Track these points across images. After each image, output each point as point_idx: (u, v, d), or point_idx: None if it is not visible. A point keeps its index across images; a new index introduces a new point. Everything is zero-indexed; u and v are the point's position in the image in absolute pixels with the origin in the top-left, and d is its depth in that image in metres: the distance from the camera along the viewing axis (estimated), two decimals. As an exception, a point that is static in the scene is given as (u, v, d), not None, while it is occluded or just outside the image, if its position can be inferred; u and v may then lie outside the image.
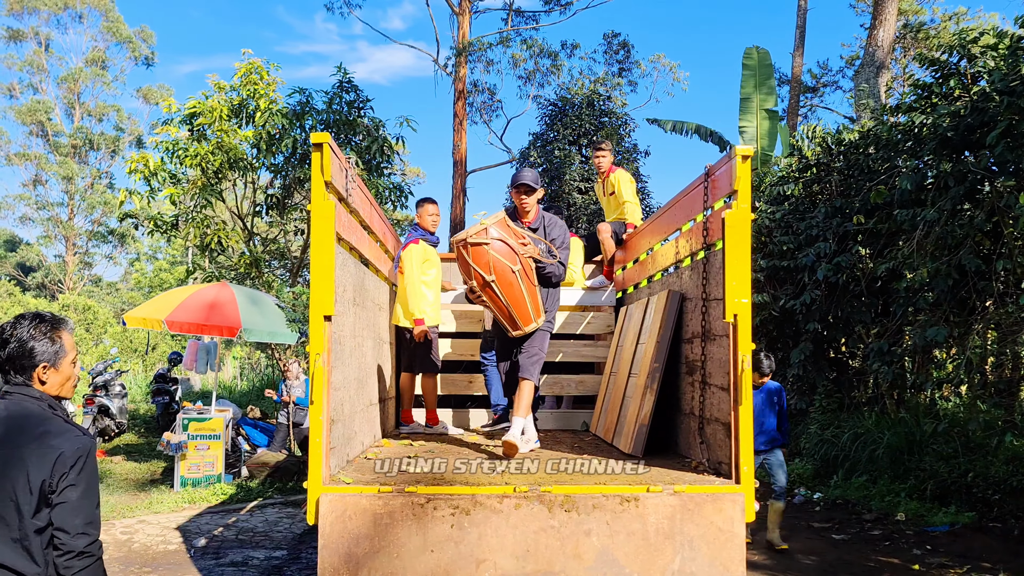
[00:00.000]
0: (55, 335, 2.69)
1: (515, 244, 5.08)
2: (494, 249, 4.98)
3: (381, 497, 4.01)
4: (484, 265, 4.99)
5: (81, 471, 2.51)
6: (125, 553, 6.93)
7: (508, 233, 5.07)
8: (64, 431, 2.55)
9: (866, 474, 9.16)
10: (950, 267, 8.01)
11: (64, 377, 2.70)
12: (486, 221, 5.04)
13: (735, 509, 4.01)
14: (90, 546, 2.52)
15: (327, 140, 4.19)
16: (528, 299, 5.17)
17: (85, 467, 2.52)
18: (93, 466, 2.56)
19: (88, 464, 2.54)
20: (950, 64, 8.43)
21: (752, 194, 11.86)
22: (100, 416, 13.54)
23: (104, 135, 42.14)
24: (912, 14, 26.13)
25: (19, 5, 40.52)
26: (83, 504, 2.51)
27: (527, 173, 5.45)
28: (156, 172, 10.56)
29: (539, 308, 5.29)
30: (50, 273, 42.21)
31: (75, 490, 2.49)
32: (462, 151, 22.67)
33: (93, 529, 2.54)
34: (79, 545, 2.49)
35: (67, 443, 2.51)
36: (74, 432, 2.57)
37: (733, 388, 4.13)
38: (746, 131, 16.92)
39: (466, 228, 5.29)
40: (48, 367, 2.65)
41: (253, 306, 10.20)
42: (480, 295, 5.13)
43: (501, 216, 5.12)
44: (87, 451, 2.54)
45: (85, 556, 2.51)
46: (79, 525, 2.50)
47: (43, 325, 2.68)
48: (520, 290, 5.10)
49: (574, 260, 7.69)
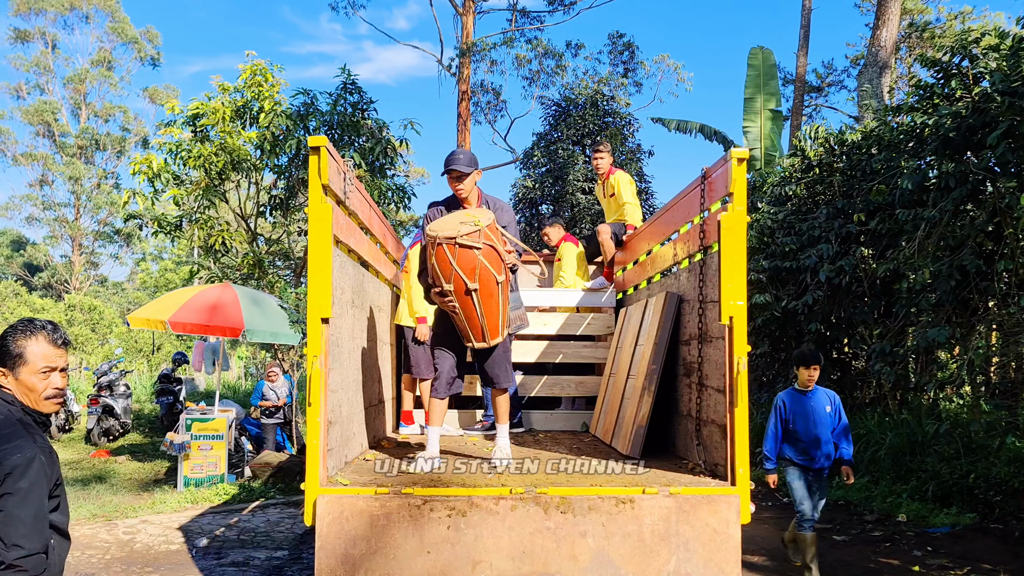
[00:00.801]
0: (20, 341, 2.63)
1: (503, 252, 4.62)
2: (484, 255, 4.51)
3: (378, 498, 4.04)
4: (470, 271, 4.51)
5: (19, 480, 2.42)
6: (127, 553, 6.97)
7: (497, 238, 4.61)
8: (11, 439, 2.48)
9: (868, 475, 9.15)
10: (952, 268, 8.00)
11: (25, 387, 2.64)
12: (480, 221, 4.54)
13: (730, 511, 4.02)
14: (24, 559, 2.42)
15: (325, 143, 4.21)
16: (502, 312, 4.77)
17: (23, 477, 2.43)
18: (35, 477, 2.46)
19: (27, 474, 2.44)
20: (952, 65, 8.41)
21: (754, 194, 11.89)
22: (104, 416, 13.61)
23: (110, 135, 42.33)
24: (917, 13, 26.07)
25: (26, 6, 40.70)
26: (19, 514, 2.42)
27: (459, 155, 4.93)
28: (160, 173, 10.60)
29: (507, 320, 4.91)
30: (56, 273, 42.39)
31: (11, 499, 2.41)
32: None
33: (28, 542, 2.43)
34: (10, 557, 2.41)
35: (8, 453, 2.44)
36: (21, 442, 2.49)
37: (729, 390, 4.14)
38: (750, 131, 16.92)
39: (446, 222, 4.63)
40: (7, 373, 2.61)
41: (256, 307, 10.24)
42: (452, 301, 4.63)
43: (492, 219, 4.64)
44: (27, 462, 2.45)
45: (15, 570, 2.42)
46: (15, 536, 2.41)
47: (19, 328, 2.65)
48: (498, 303, 4.68)
49: (566, 268, 7.70)
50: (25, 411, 2.60)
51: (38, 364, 2.64)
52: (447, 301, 4.65)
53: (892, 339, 9.29)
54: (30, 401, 2.64)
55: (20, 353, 2.61)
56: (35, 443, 2.52)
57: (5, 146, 40.86)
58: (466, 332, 4.79)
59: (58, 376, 2.69)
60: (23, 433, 2.52)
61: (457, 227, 4.49)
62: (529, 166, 19.98)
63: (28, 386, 2.63)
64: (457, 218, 4.64)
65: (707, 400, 4.64)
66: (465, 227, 4.47)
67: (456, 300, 4.59)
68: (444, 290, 4.60)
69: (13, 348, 2.62)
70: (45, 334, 2.67)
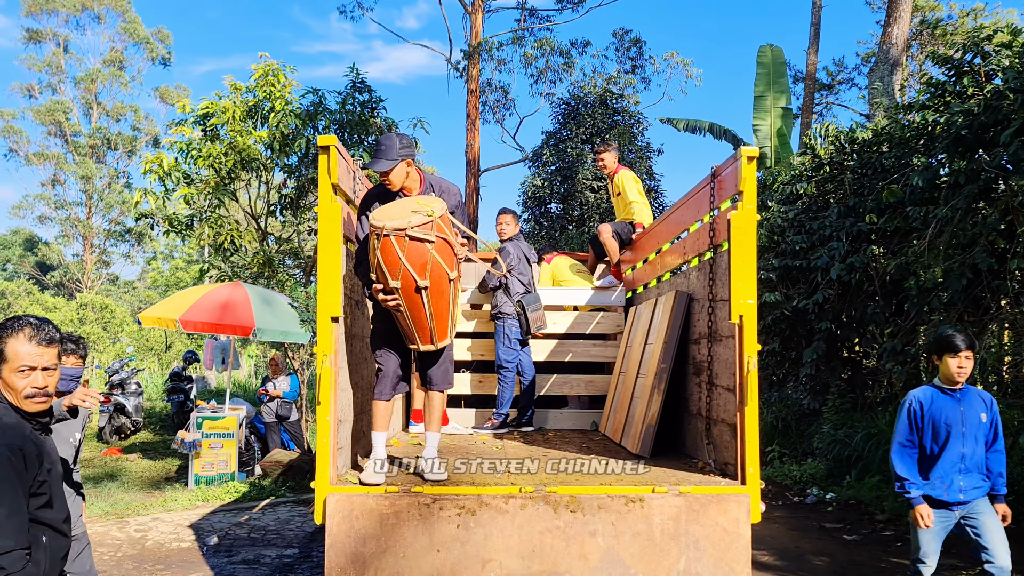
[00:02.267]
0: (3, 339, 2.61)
1: (456, 246, 4.18)
2: (436, 249, 4.04)
3: (388, 497, 4.05)
4: (420, 267, 4.04)
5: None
6: (139, 551, 7.00)
7: (451, 229, 4.14)
8: None
9: (879, 474, 9.10)
10: (964, 266, 7.95)
11: (7, 385, 2.62)
12: (434, 211, 4.02)
13: (740, 510, 4.01)
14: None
15: (334, 143, 4.22)
16: (452, 313, 4.31)
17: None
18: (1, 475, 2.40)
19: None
20: (964, 62, 8.36)
21: (764, 193, 11.84)
22: (116, 414, 13.68)
23: (121, 135, 42.52)
24: (929, 10, 25.91)
25: (37, 7, 40.93)
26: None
27: (380, 150, 4.31)
28: (170, 172, 10.64)
29: (455, 323, 4.47)
30: (68, 272, 42.65)
31: None
32: (475, 150, 22.71)
33: (2, 540, 2.36)
34: None
35: None
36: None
37: (739, 389, 4.13)
38: (760, 129, 16.87)
39: (393, 210, 4.11)
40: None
41: (266, 306, 10.27)
42: (398, 300, 4.15)
43: (445, 208, 4.12)
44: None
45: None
46: None
47: (3, 326, 2.63)
48: (449, 302, 4.24)
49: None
50: (16, 410, 2.58)
51: (16, 362, 2.61)
52: (391, 300, 4.17)
53: (903, 338, 9.24)
54: (14, 399, 2.62)
55: (1, 350, 2.60)
56: (3, 439, 2.45)
57: (18, 146, 41.11)
58: (411, 334, 4.32)
59: (40, 375, 2.65)
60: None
61: (408, 217, 3.98)
62: (538, 165, 19.99)
63: (10, 384, 2.62)
64: (407, 206, 4.10)
65: (717, 399, 4.63)
66: (417, 217, 3.97)
67: (402, 299, 4.13)
68: (389, 288, 4.12)
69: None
70: (28, 332, 2.63)
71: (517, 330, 6.64)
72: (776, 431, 11.65)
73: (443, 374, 4.57)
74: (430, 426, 4.57)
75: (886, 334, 10.19)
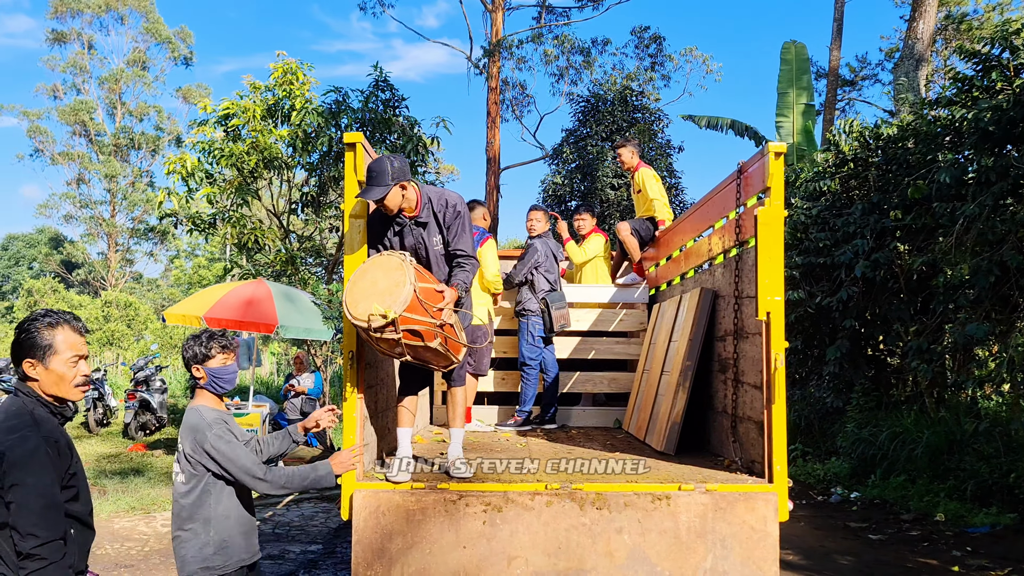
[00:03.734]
0: (49, 332, 2.65)
1: (431, 321, 3.93)
2: (406, 338, 3.89)
3: (414, 493, 4.06)
4: (397, 351, 4.02)
5: (24, 471, 2.44)
6: (165, 545, 7.07)
7: (419, 309, 3.87)
8: (19, 429, 2.51)
9: (905, 474, 9.02)
10: (991, 263, 7.86)
11: (56, 376, 2.66)
12: (392, 310, 3.76)
13: (768, 508, 3.99)
14: (39, 548, 2.44)
15: (360, 140, 4.24)
16: (453, 351, 4.19)
17: (28, 467, 2.45)
18: (39, 467, 2.48)
19: (32, 464, 2.46)
20: (992, 56, 8.26)
21: (788, 190, 11.76)
22: (141, 410, 13.81)
23: (145, 134, 42.97)
24: (954, 4, 25.60)
25: (64, 7, 41.41)
26: (28, 504, 2.43)
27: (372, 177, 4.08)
28: (193, 172, 10.73)
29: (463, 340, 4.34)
30: (93, 270, 43.14)
31: (19, 490, 2.43)
32: (495, 148, 22.72)
33: (41, 531, 2.45)
34: (27, 546, 2.42)
35: (12, 443, 2.46)
36: (27, 432, 2.51)
37: (766, 386, 4.11)
38: (783, 126, 16.75)
39: (357, 296, 3.91)
40: (35, 363, 2.63)
41: (289, 303, 10.33)
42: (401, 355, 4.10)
43: (408, 295, 3.79)
44: (32, 451, 2.48)
45: (34, 559, 2.44)
46: (27, 525, 2.42)
47: (43, 319, 2.66)
48: (444, 351, 4.10)
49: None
50: (41, 403, 2.63)
51: (67, 353, 2.68)
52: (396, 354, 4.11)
53: (929, 336, 9.15)
54: (60, 390, 2.67)
55: (50, 343, 2.64)
56: (39, 433, 2.53)
57: (44, 145, 41.64)
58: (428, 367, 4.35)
59: (84, 363, 2.74)
60: (30, 424, 2.54)
61: (366, 316, 3.80)
62: (558, 162, 19.98)
63: (59, 375, 2.66)
64: (369, 298, 3.86)
65: (743, 396, 4.60)
66: (375, 320, 3.78)
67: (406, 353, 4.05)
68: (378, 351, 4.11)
69: (42, 339, 2.64)
70: (71, 324, 2.72)
71: (541, 327, 6.63)
72: (799, 430, 11.57)
73: (460, 374, 4.57)
74: (453, 423, 4.58)
75: (911, 332, 10.08)
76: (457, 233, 4.33)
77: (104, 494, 9.22)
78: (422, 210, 4.29)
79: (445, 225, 4.32)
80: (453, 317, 4.13)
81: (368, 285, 3.90)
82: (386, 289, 3.82)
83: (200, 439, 3.29)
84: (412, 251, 4.33)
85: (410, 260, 3.96)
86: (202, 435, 3.29)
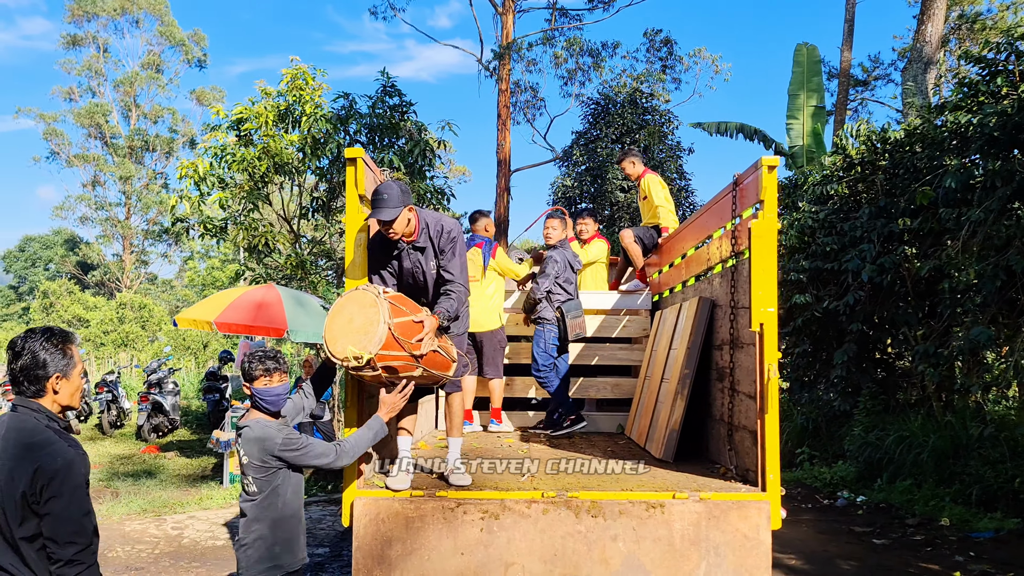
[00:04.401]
0: (65, 348, 2.80)
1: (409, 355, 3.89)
2: (385, 373, 3.89)
3: (413, 501, 4.14)
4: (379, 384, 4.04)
5: (63, 483, 2.59)
6: (176, 548, 7.19)
7: (396, 345, 3.82)
8: (47, 444, 2.63)
9: (911, 478, 9.03)
10: (997, 268, 7.86)
11: (74, 387, 2.83)
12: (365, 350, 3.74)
13: (761, 516, 4.05)
14: (79, 554, 2.61)
15: (361, 155, 4.32)
16: (442, 369, 4.20)
17: (67, 479, 2.60)
18: (77, 478, 2.63)
19: (70, 476, 2.61)
20: (997, 62, 8.26)
21: (796, 193, 11.73)
22: (154, 413, 13.99)
23: (159, 136, 43.39)
24: (968, 4, 25.47)
25: (79, 11, 41.84)
26: (68, 514, 2.59)
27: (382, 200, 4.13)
28: (205, 177, 10.86)
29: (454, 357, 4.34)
30: (108, 271, 43.56)
31: (58, 501, 2.58)
32: (506, 150, 22.80)
33: (80, 538, 2.61)
34: (67, 554, 2.58)
35: (47, 457, 2.59)
36: (57, 446, 2.64)
37: (759, 396, 4.16)
38: (792, 128, 16.75)
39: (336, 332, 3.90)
40: (61, 378, 2.76)
41: (299, 307, 10.44)
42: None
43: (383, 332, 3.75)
44: (68, 464, 2.61)
45: (75, 564, 2.60)
46: (66, 534, 2.58)
47: (54, 338, 2.80)
48: (428, 374, 4.10)
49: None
50: (51, 419, 2.75)
51: (79, 366, 2.88)
52: None
53: (936, 340, 9.15)
54: (74, 401, 2.85)
55: (72, 355, 2.82)
56: (69, 445, 2.68)
57: (59, 148, 42.11)
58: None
59: None
60: (56, 439, 2.67)
61: (344, 354, 3.79)
62: (568, 165, 20.03)
63: (76, 386, 2.85)
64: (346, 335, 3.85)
65: (739, 405, 4.66)
66: (350, 362, 3.78)
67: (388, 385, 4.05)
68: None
69: (65, 354, 2.79)
70: (74, 338, 2.92)
71: (555, 336, 6.64)
72: (807, 433, 11.58)
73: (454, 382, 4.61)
74: (451, 432, 4.67)
75: (918, 336, 10.08)
76: (449, 258, 4.40)
77: (116, 496, 9.37)
78: (420, 235, 4.38)
79: (439, 249, 4.40)
80: (436, 342, 4.10)
81: (344, 322, 3.90)
82: (361, 327, 3.82)
83: (269, 447, 3.60)
84: (410, 275, 4.44)
85: (384, 296, 3.89)
86: (271, 443, 3.60)
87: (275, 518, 3.61)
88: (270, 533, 3.60)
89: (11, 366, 2.77)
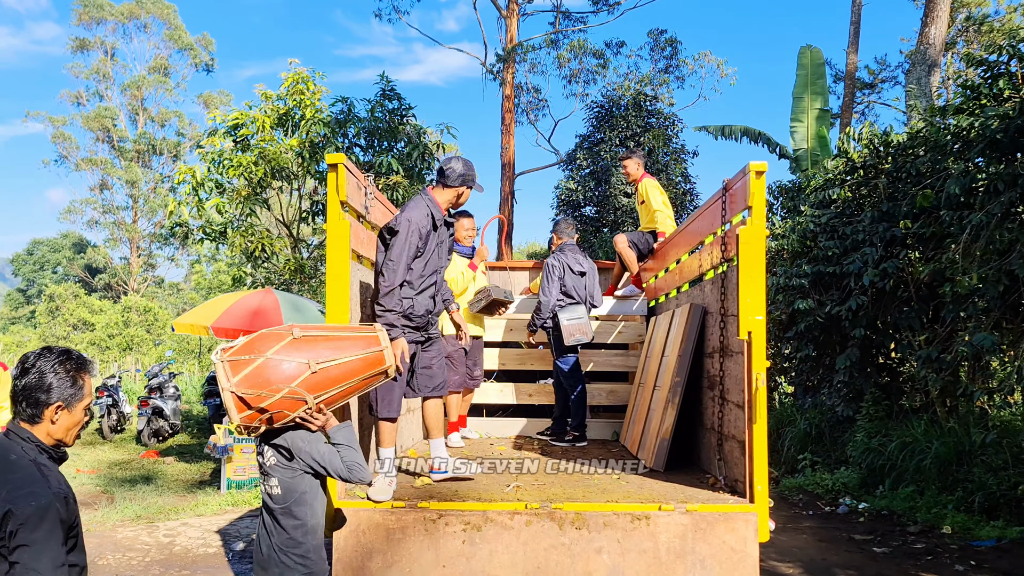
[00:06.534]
0: (78, 376, 2.51)
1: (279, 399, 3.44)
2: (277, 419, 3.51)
3: (394, 512, 4.07)
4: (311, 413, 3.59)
5: (33, 531, 2.32)
6: (166, 556, 7.14)
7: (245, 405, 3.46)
8: (26, 484, 2.36)
9: (913, 484, 8.91)
10: (1000, 272, 7.75)
11: (74, 422, 2.54)
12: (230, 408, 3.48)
13: (748, 529, 3.96)
14: None
15: (342, 160, 4.26)
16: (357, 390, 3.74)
17: (38, 527, 2.33)
18: (50, 524, 2.36)
19: (43, 523, 2.34)
20: (1000, 64, 8.15)
21: (798, 197, 11.61)
22: (154, 417, 13.96)
23: (166, 140, 43.54)
24: (976, 6, 25.29)
25: (88, 16, 42.05)
26: (35, 567, 2.32)
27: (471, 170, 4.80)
28: (203, 183, 10.85)
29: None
30: (116, 275, 43.70)
31: (27, 551, 2.31)
32: (510, 154, 22.74)
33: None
34: None
35: (22, 500, 2.33)
36: (37, 487, 2.37)
37: (747, 406, 4.08)
38: (797, 131, 16.64)
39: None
40: (62, 408, 2.49)
41: (296, 312, 10.40)
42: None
43: (227, 398, 3.46)
44: (43, 510, 2.35)
45: None
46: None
47: (68, 363, 2.51)
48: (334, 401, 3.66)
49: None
50: (42, 449, 2.50)
51: (88, 399, 2.58)
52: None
53: (939, 345, 9.03)
54: (69, 437, 2.56)
55: (82, 386, 2.54)
56: (50, 488, 2.41)
57: (67, 151, 42.29)
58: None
59: None
60: (38, 478, 2.41)
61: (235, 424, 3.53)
62: (572, 168, 19.95)
63: (76, 421, 2.55)
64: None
65: (728, 415, 4.58)
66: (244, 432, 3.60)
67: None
68: None
69: (74, 383, 2.52)
70: (91, 367, 2.65)
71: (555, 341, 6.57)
72: (810, 438, 11.46)
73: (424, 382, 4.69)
74: (431, 434, 4.73)
75: (921, 341, 9.96)
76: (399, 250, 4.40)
77: (112, 502, 9.33)
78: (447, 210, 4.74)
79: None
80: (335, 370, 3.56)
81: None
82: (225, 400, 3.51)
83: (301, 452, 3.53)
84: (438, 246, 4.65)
85: (221, 355, 3.52)
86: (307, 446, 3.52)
87: (313, 525, 3.55)
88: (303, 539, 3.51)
89: (16, 381, 2.50)
